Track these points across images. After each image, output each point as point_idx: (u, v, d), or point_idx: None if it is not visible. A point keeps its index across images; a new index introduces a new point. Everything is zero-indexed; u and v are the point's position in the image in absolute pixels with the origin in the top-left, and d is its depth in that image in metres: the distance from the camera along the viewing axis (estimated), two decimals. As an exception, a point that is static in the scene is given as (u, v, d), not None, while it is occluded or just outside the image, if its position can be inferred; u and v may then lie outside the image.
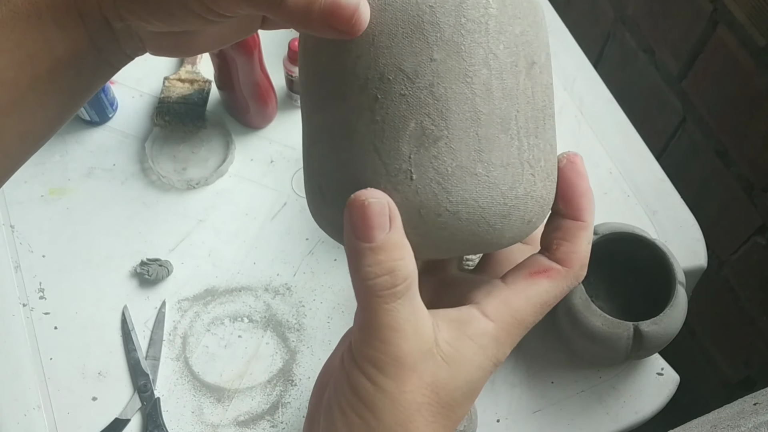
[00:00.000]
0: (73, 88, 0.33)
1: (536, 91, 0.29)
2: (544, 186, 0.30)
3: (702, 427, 0.64)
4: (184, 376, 0.78)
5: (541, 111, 0.29)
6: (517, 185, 0.29)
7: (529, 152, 0.29)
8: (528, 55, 0.29)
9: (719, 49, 0.87)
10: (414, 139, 0.28)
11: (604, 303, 0.81)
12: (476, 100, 0.28)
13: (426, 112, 0.27)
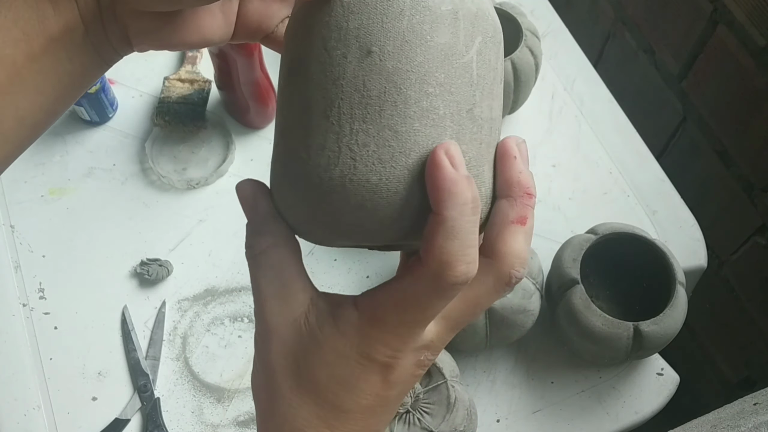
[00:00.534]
0: (66, 72, 0.34)
1: (370, 79, 0.29)
2: (370, 170, 0.29)
3: (702, 427, 0.64)
4: (184, 376, 0.78)
5: (376, 98, 0.29)
6: (332, 167, 0.30)
7: (350, 137, 0.29)
8: (363, 44, 0.29)
9: (719, 49, 0.87)
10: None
11: (604, 303, 0.81)
12: (307, 88, 0.30)
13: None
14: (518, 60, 0.83)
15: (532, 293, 0.72)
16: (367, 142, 0.29)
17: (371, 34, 0.29)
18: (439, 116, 0.29)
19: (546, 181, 0.91)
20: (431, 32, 0.29)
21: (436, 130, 0.29)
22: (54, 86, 0.34)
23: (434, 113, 0.29)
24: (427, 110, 0.29)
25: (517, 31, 0.85)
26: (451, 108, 0.30)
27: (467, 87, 0.30)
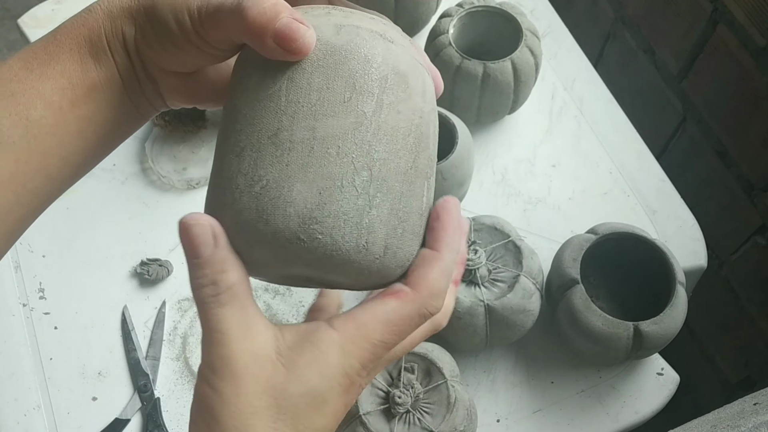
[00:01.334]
0: (107, 120, 0.37)
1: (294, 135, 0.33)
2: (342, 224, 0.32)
3: (702, 427, 0.64)
4: (184, 376, 0.78)
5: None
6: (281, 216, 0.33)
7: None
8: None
9: (719, 49, 0.87)
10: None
11: (604, 303, 0.81)
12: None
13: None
14: (518, 60, 0.83)
15: (532, 293, 0.72)
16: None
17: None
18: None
19: (546, 181, 0.91)
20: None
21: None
22: (95, 132, 0.37)
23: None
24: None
25: (517, 31, 0.85)
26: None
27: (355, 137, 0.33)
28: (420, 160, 0.34)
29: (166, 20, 0.35)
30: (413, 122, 0.34)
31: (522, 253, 0.73)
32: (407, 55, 0.35)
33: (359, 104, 0.33)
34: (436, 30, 0.87)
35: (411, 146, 0.34)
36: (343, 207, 0.32)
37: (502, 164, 0.92)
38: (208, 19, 0.34)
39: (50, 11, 1.03)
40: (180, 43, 0.35)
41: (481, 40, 0.91)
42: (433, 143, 0.36)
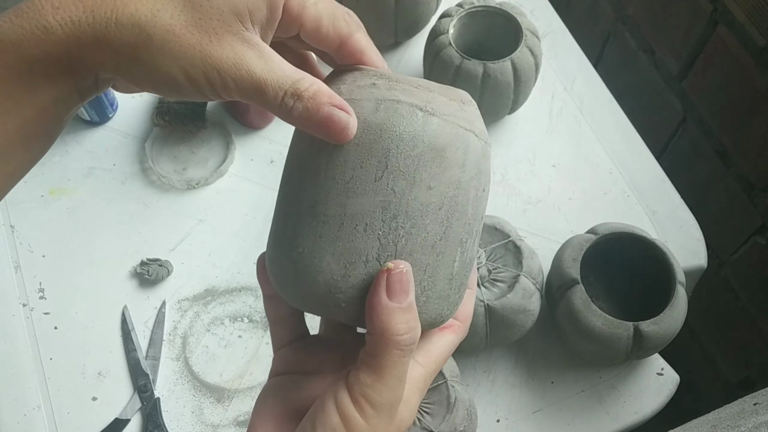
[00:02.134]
0: (54, 129, 0.36)
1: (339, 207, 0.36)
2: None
3: (702, 427, 0.64)
4: (184, 376, 0.78)
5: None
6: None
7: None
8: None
9: (719, 49, 0.87)
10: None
11: (604, 303, 0.81)
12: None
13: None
14: (518, 60, 0.83)
15: (532, 293, 0.72)
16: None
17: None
18: None
19: (546, 181, 0.91)
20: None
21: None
22: (41, 142, 0.36)
23: None
24: None
25: (517, 31, 0.85)
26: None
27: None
28: (452, 229, 0.36)
29: (172, 74, 0.33)
30: (447, 195, 0.35)
31: (522, 253, 0.73)
32: (448, 126, 0.36)
33: (389, 183, 0.34)
34: (436, 30, 0.87)
35: (442, 219, 0.35)
36: (365, 279, 0.35)
37: (502, 164, 0.92)
38: (241, 94, 0.34)
39: (50, 11, 1.03)
40: (183, 93, 0.34)
41: (481, 40, 0.91)
42: (474, 207, 0.37)
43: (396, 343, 0.34)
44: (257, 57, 0.33)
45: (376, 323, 0.34)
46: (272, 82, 0.33)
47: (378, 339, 0.34)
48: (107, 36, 0.32)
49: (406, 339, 0.34)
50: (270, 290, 0.39)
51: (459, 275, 0.37)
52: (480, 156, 0.37)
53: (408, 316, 0.34)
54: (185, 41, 0.32)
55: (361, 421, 0.34)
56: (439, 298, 0.36)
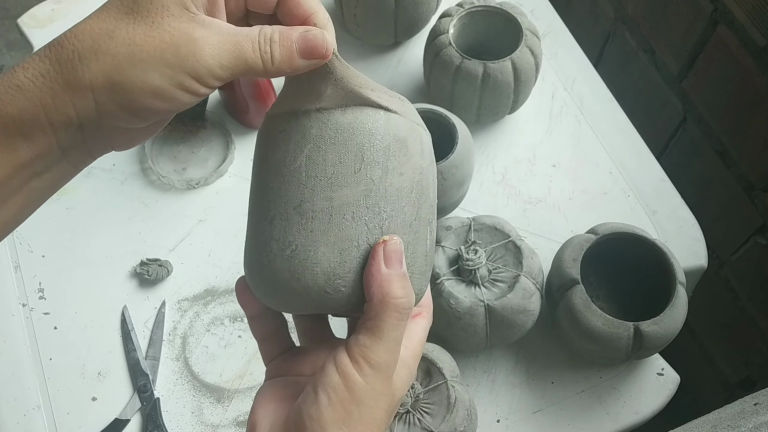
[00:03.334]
0: (35, 188, 0.36)
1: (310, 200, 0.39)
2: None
3: (702, 427, 0.64)
4: (184, 377, 0.78)
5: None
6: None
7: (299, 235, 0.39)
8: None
9: (719, 49, 0.87)
10: None
11: (604, 303, 0.81)
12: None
13: None
14: (518, 60, 0.83)
15: (532, 293, 0.72)
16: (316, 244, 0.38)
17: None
18: None
19: (546, 181, 0.91)
20: None
21: None
22: (20, 202, 0.36)
23: None
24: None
25: (517, 31, 0.85)
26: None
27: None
28: (422, 210, 0.40)
29: (154, 83, 0.34)
30: (414, 180, 0.39)
31: (522, 253, 0.73)
32: (406, 121, 0.40)
33: (368, 173, 0.38)
34: (436, 30, 0.87)
35: (414, 201, 0.39)
36: (360, 262, 0.38)
37: (502, 164, 0.92)
38: (224, 68, 0.35)
39: (50, 11, 1.03)
40: (173, 98, 0.35)
41: (481, 40, 0.91)
42: (433, 191, 0.41)
43: (395, 306, 0.36)
44: (218, 29, 0.35)
45: (376, 290, 0.37)
46: (243, 41, 0.35)
47: (378, 304, 0.37)
48: (76, 76, 0.33)
49: (404, 302, 0.37)
50: (254, 311, 0.42)
51: (430, 253, 0.41)
52: (430, 146, 0.42)
53: (404, 282, 0.37)
54: (150, 46, 0.33)
55: (360, 379, 0.36)
56: (420, 274, 0.40)
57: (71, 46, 0.33)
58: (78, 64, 0.33)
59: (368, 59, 1.00)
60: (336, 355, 0.37)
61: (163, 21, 0.34)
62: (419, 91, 0.97)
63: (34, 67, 0.33)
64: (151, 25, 0.34)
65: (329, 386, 0.36)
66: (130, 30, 0.34)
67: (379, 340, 0.36)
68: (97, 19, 0.34)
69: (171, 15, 0.34)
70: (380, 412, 0.37)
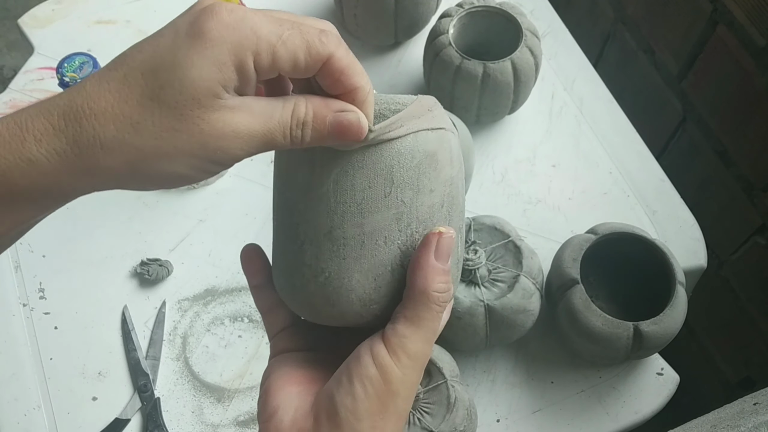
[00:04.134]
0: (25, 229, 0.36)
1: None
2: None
3: (702, 427, 0.64)
4: (185, 376, 0.78)
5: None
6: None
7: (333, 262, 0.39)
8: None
9: (719, 49, 0.87)
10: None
11: (604, 303, 0.81)
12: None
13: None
14: (518, 60, 0.83)
15: (532, 293, 0.72)
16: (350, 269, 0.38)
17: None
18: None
19: (546, 181, 0.91)
20: None
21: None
22: (6, 243, 0.36)
23: None
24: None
25: (517, 31, 0.85)
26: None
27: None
28: (453, 221, 0.39)
29: (179, 172, 0.33)
30: (445, 193, 0.39)
31: (522, 253, 0.73)
32: (434, 133, 0.38)
33: (398, 195, 0.37)
34: (436, 30, 0.87)
35: (445, 214, 0.39)
36: (395, 286, 0.38)
37: (502, 164, 0.92)
38: (252, 153, 0.35)
39: (50, 11, 1.03)
40: (197, 180, 0.35)
41: (481, 40, 0.91)
42: (462, 195, 0.40)
43: (436, 299, 0.36)
44: (249, 116, 0.33)
45: (421, 280, 0.36)
46: (275, 128, 0.34)
47: (420, 294, 0.36)
48: (98, 163, 0.32)
49: (445, 296, 0.37)
50: (257, 280, 0.41)
51: (461, 257, 0.41)
52: (458, 149, 0.40)
53: (447, 277, 0.37)
54: (177, 140, 0.32)
55: (398, 371, 0.36)
56: (453, 280, 0.40)
57: (92, 130, 0.32)
58: (99, 152, 0.32)
59: (368, 59, 1.00)
60: (373, 346, 0.36)
61: (192, 114, 0.32)
62: (419, 91, 0.97)
63: (49, 143, 0.32)
64: (179, 119, 0.32)
65: (366, 377, 0.35)
66: (157, 122, 0.32)
67: (419, 330, 0.36)
68: (118, 99, 0.32)
69: (201, 107, 0.32)
70: (410, 402, 0.37)
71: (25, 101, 0.95)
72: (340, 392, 0.36)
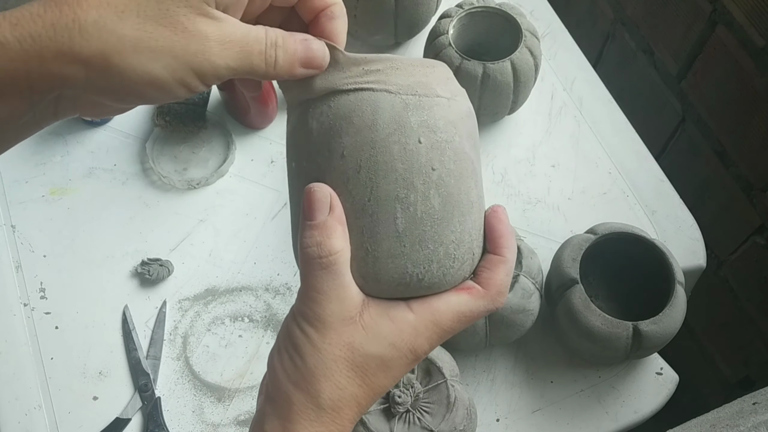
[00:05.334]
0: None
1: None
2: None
3: (701, 426, 0.64)
4: (185, 376, 0.78)
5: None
6: None
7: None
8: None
9: (719, 49, 0.87)
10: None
11: (603, 303, 0.81)
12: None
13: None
14: (518, 60, 0.83)
15: (531, 293, 0.72)
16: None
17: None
18: None
19: (546, 181, 0.91)
20: None
21: None
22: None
23: None
24: None
25: (517, 31, 0.85)
26: None
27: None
28: (380, 188, 0.38)
29: (154, 73, 0.32)
30: (362, 158, 0.38)
31: (522, 253, 0.73)
32: (375, 91, 0.38)
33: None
34: (435, 30, 0.87)
35: (364, 181, 0.38)
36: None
37: (501, 164, 0.92)
38: (230, 70, 0.35)
39: (51, 12, 1.03)
40: (169, 90, 0.34)
41: (480, 40, 0.91)
42: (402, 161, 0.38)
43: (304, 256, 0.37)
44: (231, 27, 0.34)
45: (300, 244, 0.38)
46: (252, 43, 0.35)
47: (299, 255, 0.38)
48: (72, 47, 0.31)
49: (310, 252, 0.37)
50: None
51: (410, 231, 0.38)
52: (400, 111, 0.38)
53: (314, 231, 0.37)
54: (160, 35, 0.32)
55: (297, 331, 0.38)
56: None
57: (72, 14, 0.31)
58: (77, 36, 0.31)
59: (368, 60, 1.00)
60: (288, 313, 0.40)
61: (178, 11, 0.32)
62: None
63: (24, 26, 0.30)
64: (165, 14, 0.32)
65: (280, 335, 0.39)
66: (142, 12, 0.31)
67: (304, 291, 0.38)
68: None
69: (189, 6, 0.32)
70: (326, 362, 0.37)
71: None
72: (271, 348, 0.41)
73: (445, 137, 0.38)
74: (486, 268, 0.40)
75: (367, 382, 0.38)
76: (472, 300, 0.39)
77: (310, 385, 0.37)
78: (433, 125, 0.38)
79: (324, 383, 0.37)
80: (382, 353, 0.37)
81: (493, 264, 0.40)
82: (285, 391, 0.37)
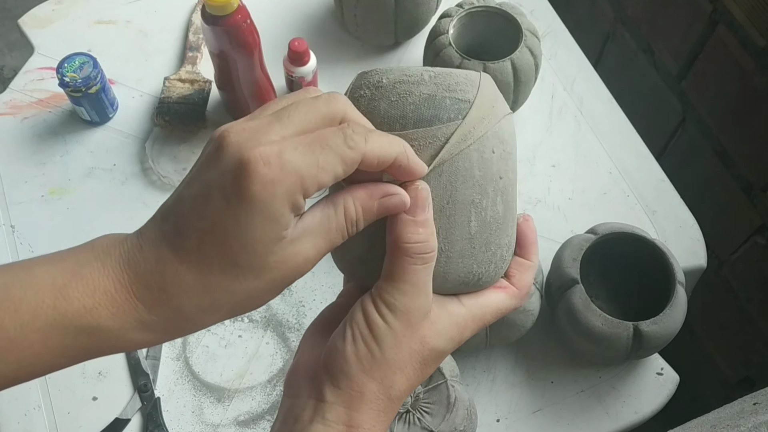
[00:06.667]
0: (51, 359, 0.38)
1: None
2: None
3: (702, 426, 0.64)
4: (185, 376, 0.78)
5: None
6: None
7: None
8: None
9: (719, 49, 0.87)
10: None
11: (604, 303, 0.81)
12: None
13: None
14: (518, 60, 0.83)
15: (532, 293, 0.72)
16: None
17: None
18: None
19: (546, 181, 0.91)
20: None
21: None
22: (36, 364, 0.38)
23: None
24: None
25: (517, 31, 0.85)
26: None
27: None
28: (459, 192, 0.40)
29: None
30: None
31: (522, 253, 0.73)
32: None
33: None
34: (435, 30, 0.87)
35: (444, 185, 0.40)
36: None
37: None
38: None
39: (50, 11, 1.03)
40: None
41: (481, 40, 0.91)
42: (479, 168, 0.40)
43: (404, 250, 0.37)
44: (311, 238, 0.36)
45: (392, 235, 0.38)
46: (334, 236, 0.37)
47: (390, 248, 0.38)
48: (183, 332, 0.39)
49: (415, 248, 0.37)
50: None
51: (480, 234, 0.41)
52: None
53: (420, 228, 0.38)
54: (262, 290, 0.37)
55: (379, 320, 0.37)
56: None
57: (178, 302, 0.37)
58: (185, 324, 0.38)
59: (368, 60, 1.00)
60: (363, 299, 0.39)
61: (268, 265, 0.36)
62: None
63: (136, 317, 0.37)
64: (259, 275, 0.36)
65: (354, 322, 0.38)
66: (243, 282, 0.36)
67: (393, 282, 0.37)
68: (199, 274, 0.36)
69: (273, 254, 0.35)
70: (403, 355, 0.38)
71: (25, 101, 0.95)
72: (336, 334, 0.38)
73: (509, 148, 0.42)
74: (518, 270, 0.44)
75: (423, 374, 0.39)
76: (508, 298, 0.43)
77: (386, 376, 0.38)
78: (501, 137, 0.41)
79: (399, 375, 0.38)
80: (443, 347, 0.39)
81: (524, 268, 0.44)
82: (357, 380, 0.37)
